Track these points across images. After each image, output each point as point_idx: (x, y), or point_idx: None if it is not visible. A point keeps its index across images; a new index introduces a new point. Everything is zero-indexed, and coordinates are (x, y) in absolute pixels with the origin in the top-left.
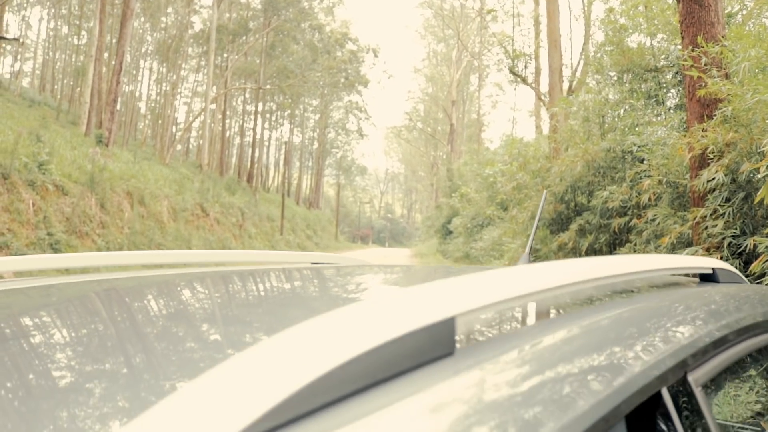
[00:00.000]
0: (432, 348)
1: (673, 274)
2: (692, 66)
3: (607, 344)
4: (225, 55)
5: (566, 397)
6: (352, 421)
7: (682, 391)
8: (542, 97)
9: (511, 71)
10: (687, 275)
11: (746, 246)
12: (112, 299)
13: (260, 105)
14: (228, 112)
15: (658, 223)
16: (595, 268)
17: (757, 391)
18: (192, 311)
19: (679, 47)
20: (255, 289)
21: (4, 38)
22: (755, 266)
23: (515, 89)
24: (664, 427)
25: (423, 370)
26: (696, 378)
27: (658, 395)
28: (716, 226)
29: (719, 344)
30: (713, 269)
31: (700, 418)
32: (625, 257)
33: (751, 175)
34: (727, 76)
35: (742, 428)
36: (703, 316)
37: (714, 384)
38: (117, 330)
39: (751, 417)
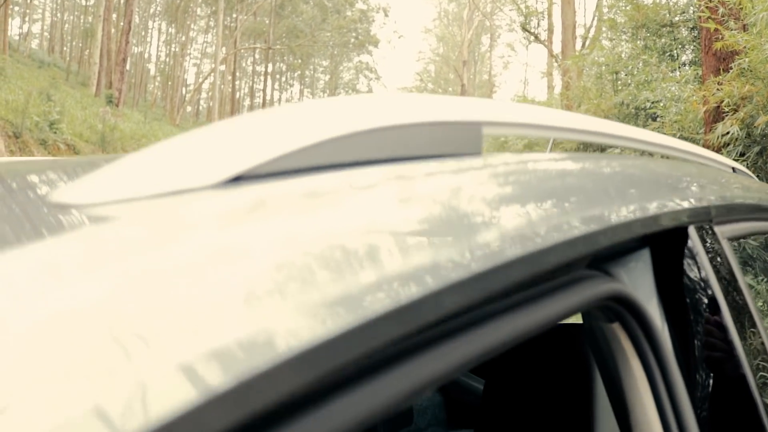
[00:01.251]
0: (460, 143)
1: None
2: (709, 17)
3: (633, 180)
4: (234, 15)
5: (588, 212)
6: (374, 176)
7: (709, 236)
8: (555, 56)
9: (524, 28)
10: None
11: None
12: None
13: (270, 66)
14: (237, 73)
15: None
16: (628, 131)
17: None
18: None
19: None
20: None
21: None
22: None
23: (527, 48)
24: (691, 260)
25: (449, 158)
26: (722, 231)
27: (685, 231)
28: None
29: (742, 212)
30: (733, 168)
31: (725, 263)
32: (658, 134)
33: (767, 129)
34: (744, 28)
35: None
36: (727, 185)
37: (739, 244)
38: None
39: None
